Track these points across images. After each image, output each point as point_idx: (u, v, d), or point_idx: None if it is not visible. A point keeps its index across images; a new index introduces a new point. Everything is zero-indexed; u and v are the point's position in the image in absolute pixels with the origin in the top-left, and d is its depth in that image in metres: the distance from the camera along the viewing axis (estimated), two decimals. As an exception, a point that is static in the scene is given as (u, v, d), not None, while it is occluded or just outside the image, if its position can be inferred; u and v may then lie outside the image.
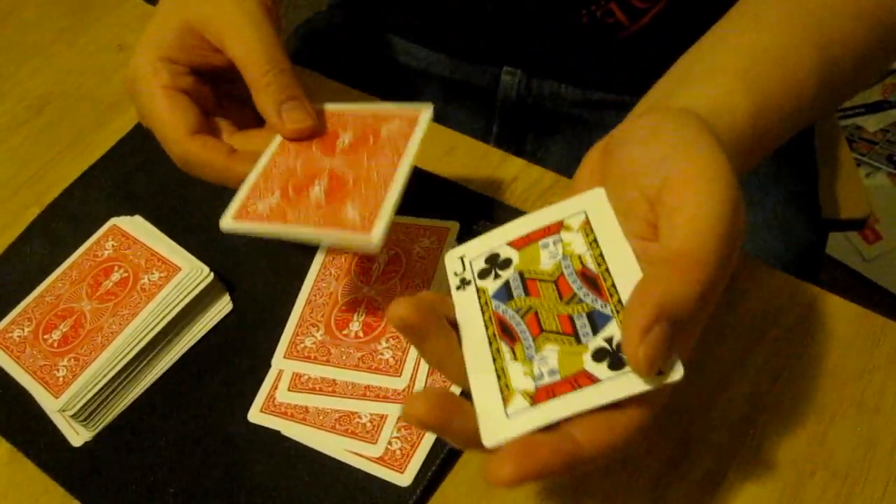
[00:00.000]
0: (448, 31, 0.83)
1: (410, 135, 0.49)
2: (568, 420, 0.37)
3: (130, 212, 0.64)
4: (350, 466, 0.51)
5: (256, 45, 0.52)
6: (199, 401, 0.55)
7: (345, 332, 0.54)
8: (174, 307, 0.56)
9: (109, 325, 0.55)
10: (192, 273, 0.57)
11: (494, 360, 0.40)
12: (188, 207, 0.64)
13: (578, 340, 0.39)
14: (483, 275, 0.44)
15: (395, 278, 0.56)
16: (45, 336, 0.57)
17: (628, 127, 0.43)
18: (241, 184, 0.50)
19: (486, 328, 0.41)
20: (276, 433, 0.53)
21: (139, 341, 0.55)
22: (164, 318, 0.55)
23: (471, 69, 0.84)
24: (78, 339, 0.56)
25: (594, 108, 0.81)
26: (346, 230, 0.45)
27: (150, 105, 0.53)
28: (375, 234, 0.44)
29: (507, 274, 0.43)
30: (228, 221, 0.48)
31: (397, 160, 0.48)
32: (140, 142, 0.70)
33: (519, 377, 0.39)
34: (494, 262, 0.44)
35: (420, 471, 0.50)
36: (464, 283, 0.44)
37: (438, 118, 0.69)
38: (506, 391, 0.39)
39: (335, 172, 0.49)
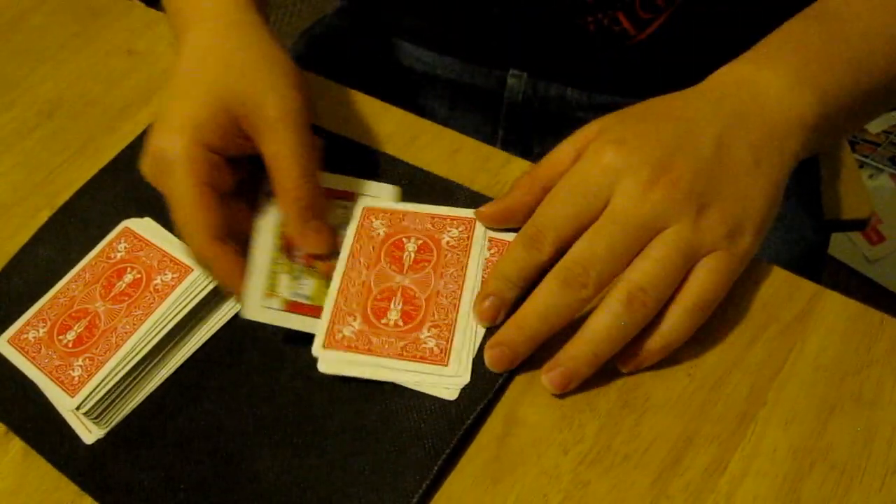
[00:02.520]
0: (454, 34, 0.83)
1: (469, 246, 0.56)
2: None
3: (140, 214, 0.65)
4: (360, 470, 0.52)
5: (291, 151, 0.52)
6: (209, 398, 0.56)
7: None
8: (186, 306, 0.57)
9: (123, 325, 0.57)
10: (203, 273, 0.58)
11: (272, 262, 0.56)
12: (197, 209, 0.65)
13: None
14: None
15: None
16: (60, 337, 0.58)
17: None
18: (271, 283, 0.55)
19: (278, 238, 0.57)
20: (284, 431, 0.54)
21: (151, 340, 0.56)
22: (176, 317, 0.56)
23: (476, 72, 0.85)
24: (92, 339, 0.57)
25: (600, 112, 0.81)
26: (426, 363, 0.53)
27: (179, 193, 0.53)
28: (453, 366, 0.53)
29: None
30: (324, 359, 0.54)
31: (461, 279, 0.56)
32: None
33: (284, 286, 0.55)
34: None
35: (425, 465, 0.51)
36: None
37: (444, 121, 0.70)
38: (269, 290, 0.55)
39: (407, 292, 0.54)
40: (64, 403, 0.55)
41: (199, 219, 0.52)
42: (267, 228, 0.57)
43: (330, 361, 0.54)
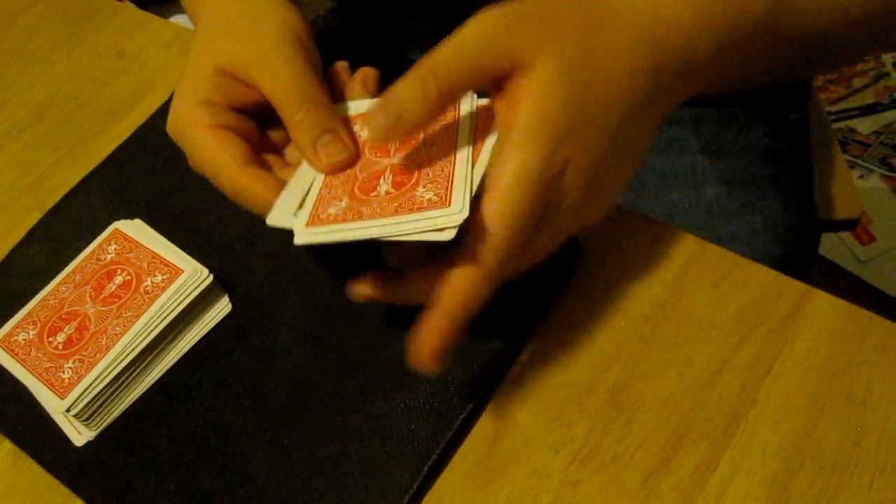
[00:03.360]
0: (447, 34, 0.84)
1: (457, 115, 0.50)
2: None
3: (131, 215, 0.65)
4: (351, 470, 0.52)
5: (287, 81, 0.51)
6: (199, 400, 0.56)
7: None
8: (176, 308, 0.57)
9: (114, 326, 0.56)
10: (194, 275, 0.58)
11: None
12: (187, 211, 0.65)
13: None
14: None
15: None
16: (50, 339, 0.58)
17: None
18: (304, 197, 0.49)
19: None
20: (275, 432, 0.54)
21: (141, 342, 0.56)
22: (166, 319, 0.56)
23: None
24: (83, 341, 0.57)
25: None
26: (425, 210, 0.45)
27: (196, 147, 0.52)
28: (455, 204, 0.44)
29: None
30: (302, 232, 0.47)
31: (455, 140, 0.49)
32: (139, 147, 0.71)
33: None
34: None
35: (415, 465, 0.51)
36: None
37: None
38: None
39: (397, 168, 0.49)
40: (54, 405, 0.55)
41: (216, 153, 0.51)
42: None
43: (308, 233, 0.47)
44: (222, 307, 0.60)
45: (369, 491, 0.51)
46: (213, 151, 0.51)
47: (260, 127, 0.55)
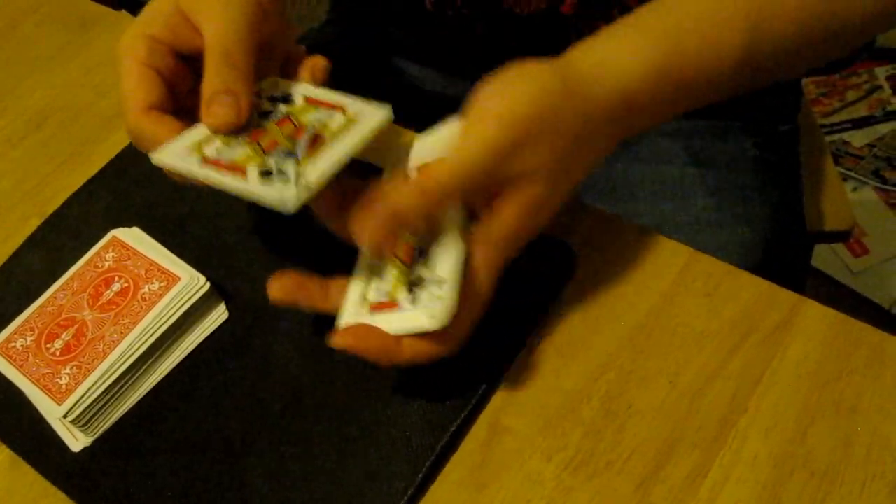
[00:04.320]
0: (440, 49, 0.84)
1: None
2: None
3: (128, 223, 0.65)
4: (346, 477, 0.52)
5: (218, 34, 0.52)
6: (195, 406, 0.57)
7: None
8: (173, 316, 0.57)
9: (111, 333, 0.57)
10: (191, 282, 0.58)
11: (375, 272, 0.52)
12: (184, 219, 0.66)
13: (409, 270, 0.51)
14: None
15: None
16: (48, 345, 0.58)
17: (554, 104, 0.50)
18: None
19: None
20: (271, 439, 0.54)
21: (138, 348, 0.56)
22: (163, 326, 0.57)
23: (463, 85, 0.86)
24: (80, 347, 0.57)
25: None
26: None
27: (121, 78, 0.53)
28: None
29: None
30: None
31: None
32: (138, 156, 0.71)
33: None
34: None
35: (410, 472, 0.51)
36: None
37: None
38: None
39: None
40: (51, 411, 0.55)
41: (131, 89, 0.52)
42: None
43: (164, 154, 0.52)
44: (219, 315, 0.60)
45: (364, 498, 0.51)
46: (130, 88, 0.53)
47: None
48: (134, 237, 0.63)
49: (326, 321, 0.58)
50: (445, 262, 0.49)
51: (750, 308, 0.56)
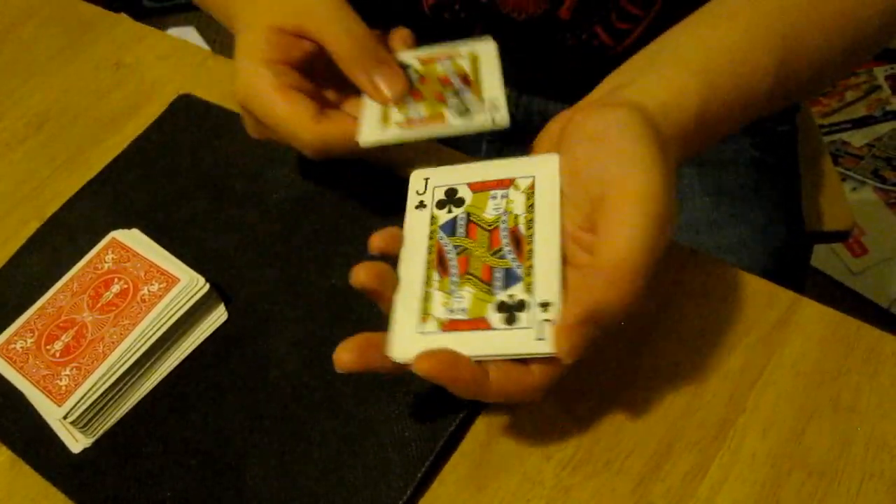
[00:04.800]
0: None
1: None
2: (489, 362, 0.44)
3: (128, 225, 0.65)
4: (346, 477, 0.52)
5: (348, 31, 0.54)
6: (195, 407, 0.57)
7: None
8: (173, 317, 0.57)
9: (111, 335, 0.57)
10: (190, 284, 0.58)
11: (425, 282, 0.47)
12: (183, 220, 0.66)
13: (490, 290, 0.46)
14: (440, 205, 0.51)
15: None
16: (48, 347, 0.58)
17: (583, 117, 0.48)
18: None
19: (429, 252, 0.49)
20: (270, 439, 0.54)
21: (138, 350, 0.56)
22: (162, 327, 0.57)
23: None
24: (80, 349, 0.57)
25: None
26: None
27: (266, 107, 0.54)
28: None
29: (457, 211, 0.50)
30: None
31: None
32: (136, 158, 0.71)
33: (438, 305, 0.46)
34: (451, 197, 0.51)
35: (409, 472, 0.52)
36: (422, 204, 0.52)
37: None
38: (424, 314, 0.46)
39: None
40: (51, 412, 0.56)
41: (288, 110, 0.53)
42: (414, 246, 0.50)
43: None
44: (218, 315, 0.60)
45: (364, 498, 0.51)
46: (286, 111, 0.53)
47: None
48: (133, 239, 0.63)
49: (325, 322, 0.59)
50: (549, 285, 0.45)
51: (747, 307, 0.56)
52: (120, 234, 0.63)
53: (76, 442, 0.56)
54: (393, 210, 0.54)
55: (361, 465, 0.52)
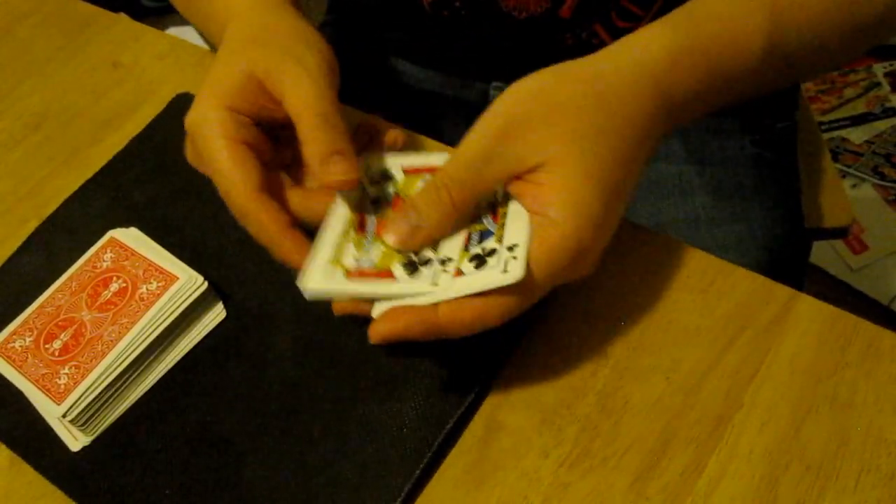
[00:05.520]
0: (437, 49, 0.84)
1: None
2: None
3: (126, 224, 0.65)
4: (343, 475, 0.52)
5: (310, 101, 0.52)
6: (194, 405, 0.57)
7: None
8: (171, 315, 0.57)
9: (109, 333, 0.57)
10: (189, 282, 0.58)
11: (342, 233, 0.51)
12: (182, 219, 0.66)
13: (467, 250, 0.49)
14: (373, 181, 0.55)
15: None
16: (47, 345, 0.58)
17: (544, 88, 0.52)
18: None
19: (352, 217, 0.52)
20: (269, 437, 0.54)
21: (137, 348, 0.56)
22: (161, 325, 0.57)
23: (460, 85, 0.86)
24: (78, 347, 0.57)
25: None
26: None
27: (213, 155, 0.52)
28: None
29: (388, 189, 0.54)
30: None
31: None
32: (134, 157, 0.71)
33: (349, 257, 0.50)
34: (385, 177, 0.55)
35: (407, 469, 0.52)
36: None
37: (429, 131, 0.70)
38: (333, 261, 0.50)
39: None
40: (50, 411, 0.56)
41: (233, 171, 0.52)
42: (341, 210, 0.53)
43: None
44: (217, 314, 0.60)
45: (362, 495, 0.51)
46: (229, 169, 0.52)
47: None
48: (132, 237, 0.63)
49: (323, 321, 0.59)
50: (517, 232, 0.48)
51: (745, 303, 0.56)
52: (118, 233, 0.63)
53: (75, 440, 0.57)
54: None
55: (359, 462, 0.53)
